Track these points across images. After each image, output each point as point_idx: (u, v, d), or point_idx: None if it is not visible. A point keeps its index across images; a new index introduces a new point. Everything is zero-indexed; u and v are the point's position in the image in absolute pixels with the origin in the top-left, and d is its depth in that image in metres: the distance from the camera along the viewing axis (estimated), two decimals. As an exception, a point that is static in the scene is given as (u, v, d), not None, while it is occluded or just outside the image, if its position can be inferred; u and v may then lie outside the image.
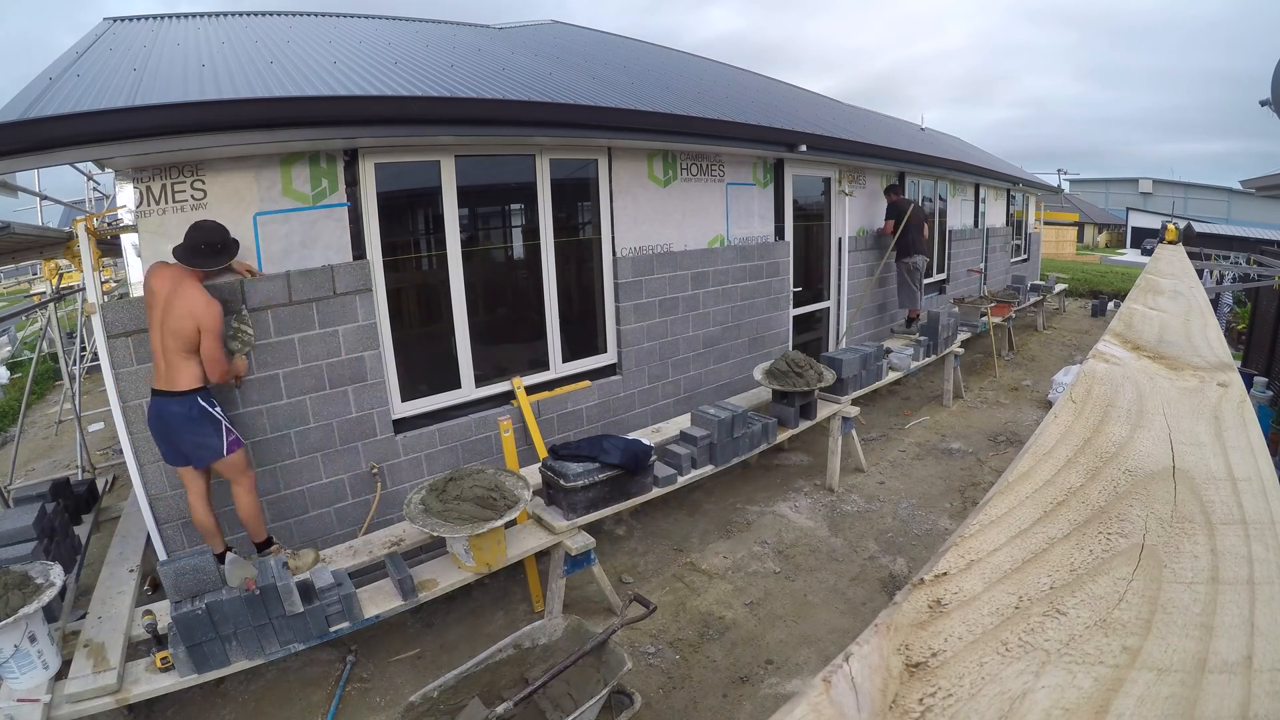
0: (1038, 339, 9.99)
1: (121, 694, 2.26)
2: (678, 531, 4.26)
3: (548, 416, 4.30)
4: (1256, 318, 6.71)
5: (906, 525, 4.27)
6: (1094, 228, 33.06)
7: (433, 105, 3.28)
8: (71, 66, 3.64)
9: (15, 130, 2.36)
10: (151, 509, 2.99)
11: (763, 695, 2.86)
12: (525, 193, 4.16)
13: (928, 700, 0.35)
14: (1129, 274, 15.34)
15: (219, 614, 2.35)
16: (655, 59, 8.58)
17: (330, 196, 3.32)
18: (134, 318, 2.86)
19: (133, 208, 2.89)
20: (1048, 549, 0.48)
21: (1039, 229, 14.74)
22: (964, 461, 5.29)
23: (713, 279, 5.20)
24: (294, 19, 6.49)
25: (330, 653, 3.17)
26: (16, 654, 2.19)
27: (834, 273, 6.78)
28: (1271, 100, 4.78)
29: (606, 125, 4.00)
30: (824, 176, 6.53)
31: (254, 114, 2.80)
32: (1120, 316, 1.17)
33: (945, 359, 6.62)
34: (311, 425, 3.36)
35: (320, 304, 3.31)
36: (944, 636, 0.39)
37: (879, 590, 3.58)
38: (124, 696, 2.26)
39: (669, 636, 3.25)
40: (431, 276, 3.90)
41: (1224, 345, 1.01)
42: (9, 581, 2.22)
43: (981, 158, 11.83)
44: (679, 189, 4.91)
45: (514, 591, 3.66)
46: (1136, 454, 0.63)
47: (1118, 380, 0.83)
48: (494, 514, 2.81)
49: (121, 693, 2.27)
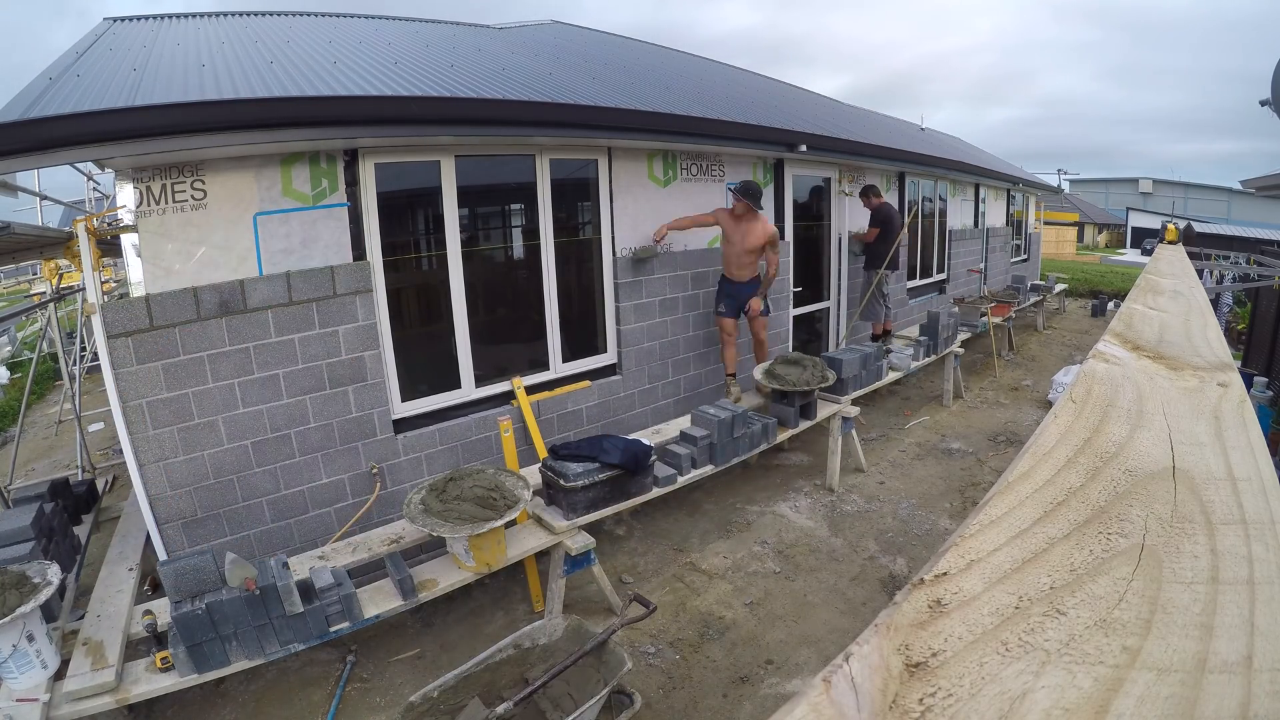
0: (1038, 339, 9.99)
1: (120, 693, 2.26)
2: (678, 531, 4.26)
3: (548, 416, 4.30)
4: (1256, 318, 6.71)
5: (906, 525, 4.27)
6: (1094, 228, 33.07)
7: (433, 105, 3.28)
8: (71, 66, 3.64)
9: (15, 130, 2.36)
10: (151, 509, 2.99)
11: (763, 695, 2.86)
12: (525, 193, 4.16)
13: (928, 700, 0.35)
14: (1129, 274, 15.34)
15: (219, 614, 2.35)
16: (655, 59, 8.58)
17: (330, 196, 3.32)
18: (134, 318, 2.86)
19: (133, 208, 2.89)
20: (1048, 549, 0.48)
21: (1039, 229, 14.74)
22: (964, 461, 5.29)
23: (713, 279, 5.21)
24: (294, 19, 6.49)
25: (330, 653, 3.17)
26: (15, 654, 2.19)
27: (834, 273, 6.78)
28: (1271, 100, 4.78)
29: (606, 125, 4.00)
30: (824, 176, 6.53)
31: (254, 114, 2.80)
32: (1120, 316, 1.17)
33: (945, 359, 6.62)
34: (311, 425, 3.36)
35: (320, 304, 3.31)
36: (944, 636, 0.39)
37: (879, 590, 3.58)
38: (123, 696, 2.26)
39: (669, 636, 3.25)
40: (431, 276, 3.90)
41: (1224, 345, 1.01)
42: (5, 581, 2.22)
43: (981, 158, 11.83)
44: (679, 189, 4.91)
45: (514, 591, 3.66)
46: (1136, 454, 0.63)
47: (1118, 380, 0.83)
48: (494, 514, 2.81)
49: (120, 692, 2.27)
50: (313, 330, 3.31)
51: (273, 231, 3.17)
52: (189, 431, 3.03)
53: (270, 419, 3.24)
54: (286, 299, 3.22)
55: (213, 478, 3.12)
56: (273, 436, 3.26)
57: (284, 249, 3.21)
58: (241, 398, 3.15)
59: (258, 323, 3.15)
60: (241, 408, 3.15)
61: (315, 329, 3.31)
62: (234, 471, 3.17)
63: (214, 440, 3.10)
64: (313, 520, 3.43)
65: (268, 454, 3.25)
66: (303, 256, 3.26)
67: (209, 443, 3.09)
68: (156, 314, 2.91)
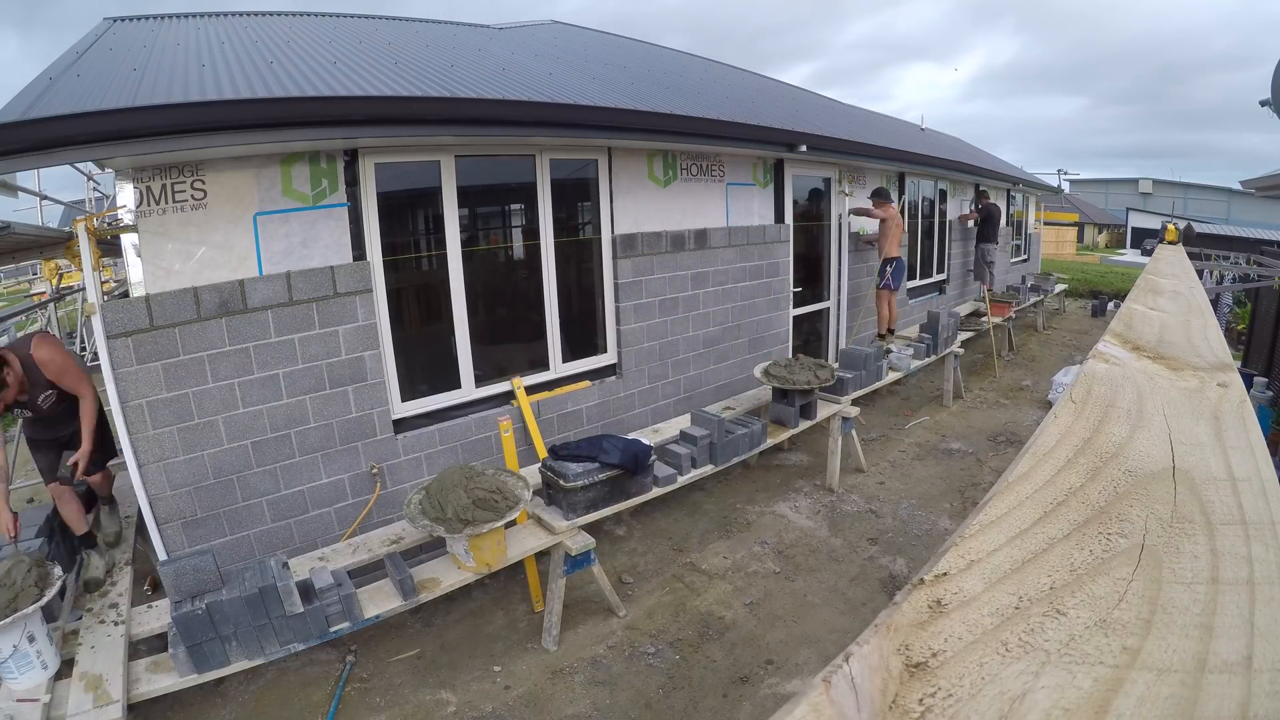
0: (1038, 339, 9.99)
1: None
2: (678, 531, 4.26)
3: (548, 416, 4.30)
4: (1256, 318, 6.71)
5: (906, 525, 4.27)
6: (1094, 228, 33.04)
7: (433, 105, 3.28)
8: (72, 66, 3.64)
9: (15, 130, 2.36)
10: (151, 509, 2.99)
11: (763, 695, 2.86)
12: (525, 193, 4.16)
13: (928, 700, 0.35)
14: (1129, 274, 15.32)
15: (219, 614, 2.35)
16: (655, 59, 8.58)
17: (330, 196, 3.32)
18: (134, 318, 2.86)
19: (133, 208, 2.89)
20: (1048, 549, 0.48)
21: (1039, 229, 14.74)
22: (964, 462, 5.29)
23: (713, 279, 5.21)
24: (294, 19, 6.49)
25: (330, 653, 3.17)
26: (15, 654, 2.19)
27: (834, 273, 6.78)
28: (1271, 100, 4.78)
29: (606, 125, 4.00)
30: (824, 177, 6.53)
31: (254, 114, 2.80)
32: (1120, 317, 1.17)
33: (945, 359, 6.62)
34: (311, 425, 3.36)
35: (320, 304, 3.31)
36: (944, 637, 0.39)
37: (879, 590, 3.58)
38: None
39: (669, 636, 3.25)
40: (431, 276, 3.90)
41: (1224, 345, 1.01)
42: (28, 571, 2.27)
43: (981, 158, 11.83)
44: (679, 189, 4.91)
45: (514, 591, 3.66)
46: (1136, 454, 0.63)
47: (1118, 380, 0.83)
48: (494, 515, 2.81)
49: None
50: (313, 330, 3.31)
51: (273, 231, 3.17)
52: (189, 431, 3.03)
53: (270, 419, 3.24)
54: (286, 299, 3.22)
55: (213, 478, 3.12)
56: (273, 436, 3.26)
57: (284, 249, 3.21)
58: (241, 398, 3.15)
59: (258, 323, 3.14)
60: (241, 408, 3.15)
61: (315, 329, 3.31)
62: (234, 471, 3.17)
63: (214, 440, 3.10)
64: (313, 520, 3.43)
65: (268, 454, 3.25)
66: (303, 256, 3.26)
67: (209, 443, 3.09)
68: (156, 314, 2.91)
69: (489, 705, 2.84)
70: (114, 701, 2.19)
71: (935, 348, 6.37)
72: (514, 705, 2.84)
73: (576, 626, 3.33)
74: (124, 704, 2.19)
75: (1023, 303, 9.53)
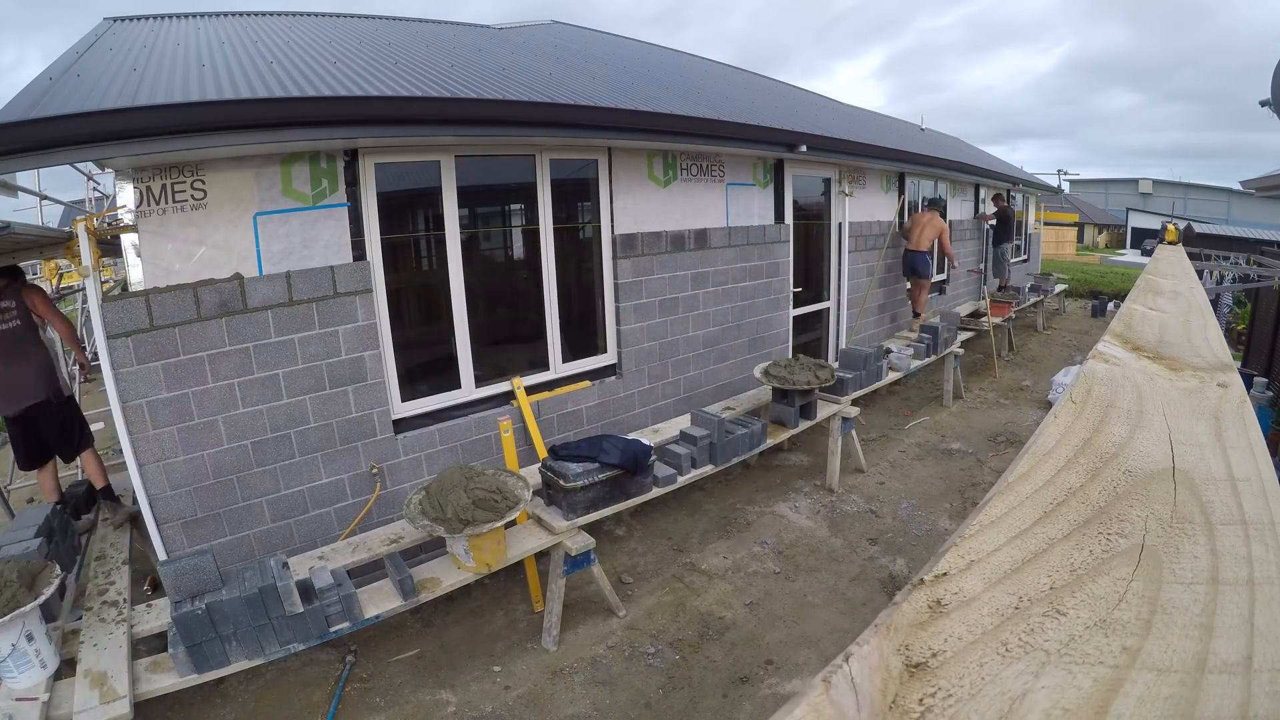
0: (1038, 339, 9.99)
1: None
2: (678, 531, 4.26)
3: (547, 417, 4.30)
4: (1256, 318, 6.71)
5: (906, 525, 4.27)
6: (1094, 228, 33.04)
7: (433, 105, 3.28)
8: (72, 66, 3.64)
9: (15, 130, 2.36)
10: (151, 508, 3.00)
11: (763, 695, 2.86)
12: (525, 193, 4.16)
13: (928, 700, 0.35)
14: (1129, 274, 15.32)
15: (219, 614, 2.35)
16: (655, 59, 8.58)
17: (330, 196, 3.32)
18: (134, 318, 2.86)
19: (133, 207, 2.89)
20: (1047, 549, 0.48)
21: (1039, 229, 14.74)
22: (964, 462, 5.29)
23: (713, 279, 5.20)
24: (294, 19, 6.49)
25: (330, 653, 3.17)
26: (14, 653, 2.19)
27: (834, 273, 6.78)
28: (1271, 100, 4.77)
29: (606, 125, 4.00)
30: (824, 177, 6.53)
31: (254, 114, 2.80)
32: (1120, 317, 1.17)
33: (945, 359, 6.62)
34: (311, 425, 3.36)
35: (320, 304, 3.31)
36: (944, 637, 0.39)
37: (879, 590, 3.58)
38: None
39: (669, 636, 3.25)
40: (431, 276, 3.90)
41: (1224, 346, 1.01)
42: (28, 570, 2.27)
43: (981, 158, 11.83)
44: (679, 189, 4.91)
45: (514, 591, 3.66)
46: (1136, 454, 0.63)
47: (1118, 381, 0.83)
48: (494, 515, 2.81)
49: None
50: (313, 330, 3.31)
51: (273, 231, 3.17)
52: (189, 431, 3.03)
53: (270, 419, 3.24)
54: (286, 299, 3.22)
55: (212, 478, 3.12)
56: (272, 436, 3.26)
57: (284, 249, 3.21)
58: (241, 398, 3.15)
59: (258, 323, 3.14)
60: (241, 408, 3.15)
61: (315, 329, 3.31)
62: (234, 471, 3.17)
63: (214, 440, 3.10)
64: (313, 520, 3.43)
65: (268, 454, 3.25)
66: (303, 256, 3.26)
67: (209, 443, 3.09)
68: (156, 314, 2.91)
69: (489, 705, 2.84)
70: (120, 697, 2.18)
71: (935, 348, 6.37)
72: (514, 705, 2.84)
73: (576, 626, 3.33)
74: (130, 699, 2.19)
75: (1023, 303, 9.54)
